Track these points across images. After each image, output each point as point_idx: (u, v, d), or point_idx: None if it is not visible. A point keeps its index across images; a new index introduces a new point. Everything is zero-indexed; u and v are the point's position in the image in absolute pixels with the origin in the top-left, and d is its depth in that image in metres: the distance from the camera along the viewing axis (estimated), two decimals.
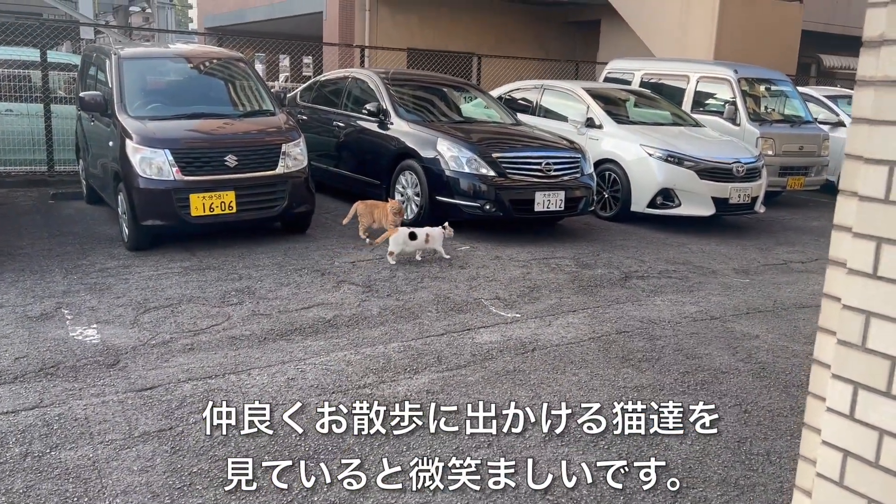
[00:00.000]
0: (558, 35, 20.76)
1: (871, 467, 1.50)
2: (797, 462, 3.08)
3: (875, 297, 1.45)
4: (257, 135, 6.42)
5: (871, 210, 1.45)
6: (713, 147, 8.18)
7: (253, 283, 5.28)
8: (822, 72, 21.03)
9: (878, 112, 1.42)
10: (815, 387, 1.61)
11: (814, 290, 5.83)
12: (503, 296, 5.20)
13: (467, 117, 8.19)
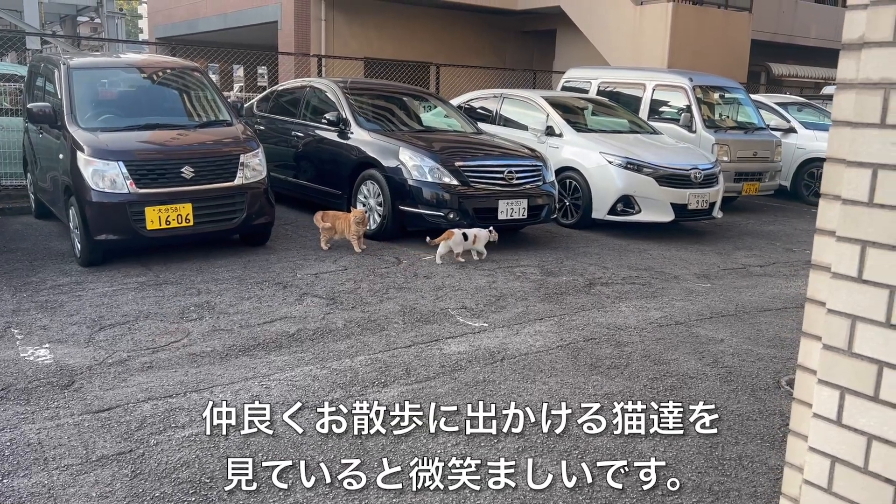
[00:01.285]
0: (514, 44, 20.93)
1: (860, 473, 1.48)
2: (770, 466, 3.11)
3: (861, 302, 1.44)
4: (214, 145, 6.27)
5: (855, 213, 1.44)
6: (671, 154, 8.29)
7: (212, 297, 5.14)
8: (772, 79, 21.61)
9: (860, 115, 1.42)
10: (801, 393, 1.59)
11: (773, 294, 5.92)
12: (470, 305, 5.16)
13: (428, 126, 8.16)
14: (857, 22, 1.41)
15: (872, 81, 1.39)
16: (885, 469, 1.45)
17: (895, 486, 1.43)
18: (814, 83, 22.37)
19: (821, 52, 22.88)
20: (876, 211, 1.41)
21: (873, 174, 1.41)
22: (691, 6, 16.34)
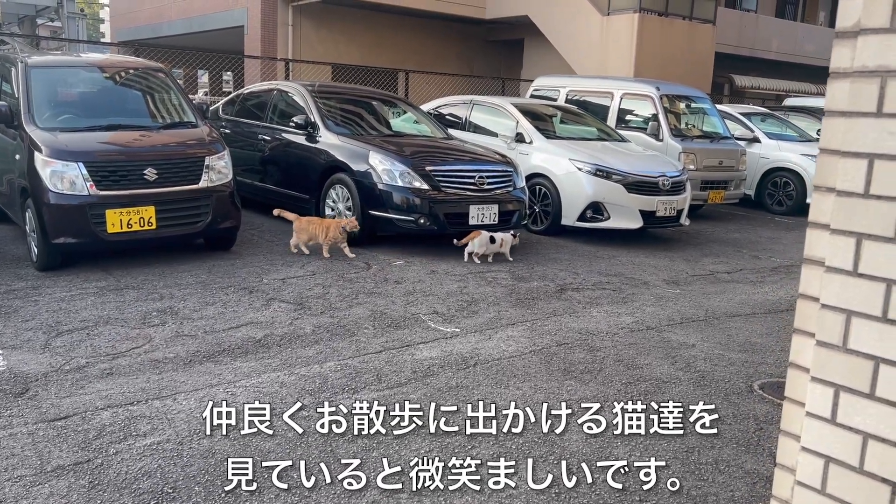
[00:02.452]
0: (483, 53, 21.00)
1: (856, 473, 1.44)
2: (746, 470, 3.08)
3: (856, 296, 1.40)
4: (178, 147, 6.11)
5: (850, 205, 1.40)
6: (639, 161, 8.34)
7: (175, 302, 4.98)
8: (735, 91, 22.02)
9: (855, 104, 1.38)
10: (793, 391, 1.55)
11: (742, 300, 5.95)
12: (441, 310, 5.08)
13: (398, 131, 8.09)
14: (852, 8, 1.38)
15: (869, 69, 1.36)
16: (881, 468, 1.40)
17: (892, 486, 1.39)
18: (775, 95, 22.85)
19: (781, 65, 23.41)
20: (872, 202, 1.38)
21: (869, 164, 1.37)
22: (657, 17, 16.57)
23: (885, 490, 1.40)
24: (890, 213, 1.36)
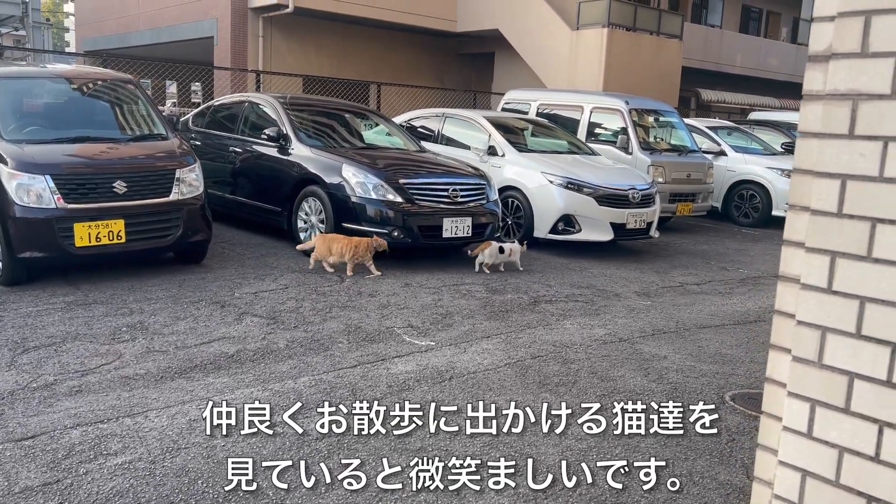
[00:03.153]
0: (454, 66, 21.11)
1: (832, 486, 1.47)
2: (720, 482, 3.12)
3: (831, 313, 1.44)
4: (148, 159, 6.04)
5: (824, 224, 1.44)
6: (610, 174, 8.43)
7: (146, 317, 4.90)
8: (701, 104, 22.42)
9: (828, 126, 1.42)
10: (770, 406, 1.58)
11: (711, 311, 6.04)
12: (416, 324, 5.07)
13: (370, 144, 8.08)
14: (824, 33, 1.42)
15: (840, 92, 1.40)
16: (857, 482, 1.44)
17: (867, 498, 1.42)
18: (740, 109, 23.32)
19: (745, 80, 23.92)
20: (845, 222, 1.41)
21: (842, 185, 1.41)
22: (625, 32, 16.84)
23: (861, 503, 1.43)
24: (862, 232, 1.39)
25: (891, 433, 1.38)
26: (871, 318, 1.39)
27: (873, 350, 1.39)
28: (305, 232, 7.02)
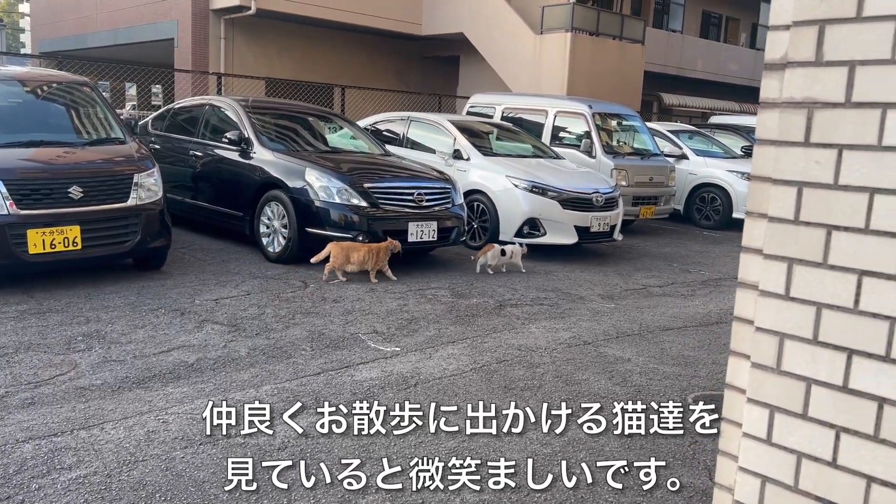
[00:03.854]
0: (419, 69, 21.10)
1: (791, 492, 1.48)
2: (683, 484, 3.14)
3: (789, 319, 1.44)
4: (105, 164, 5.90)
5: (781, 231, 1.45)
6: (574, 178, 8.49)
7: (103, 326, 4.78)
8: (663, 108, 22.74)
9: (784, 133, 1.43)
10: (730, 412, 1.58)
11: (674, 313, 6.11)
12: (381, 329, 5.03)
13: (334, 147, 8.02)
14: (779, 42, 1.43)
15: (796, 100, 1.41)
16: (814, 487, 1.45)
17: (824, 503, 1.43)
18: (701, 112, 23.72)
19: (706, 84, 24.34)
20: (802, 229, 1.42)
21: (798, 192, 1.42)
22: (588, 37, 17.00)
23: None
24: (818, 239, 1.41)
25: (847, 438, 1.39)
26: (828, 325, 1.40)
27: (830, 356, 1.40)
28: (268, 237, 6.93)
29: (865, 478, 1.38)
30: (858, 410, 1.37)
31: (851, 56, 1.34)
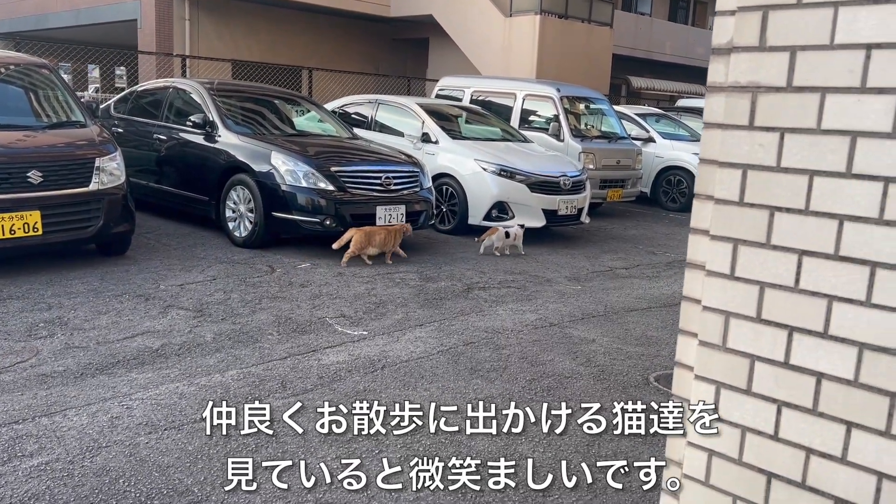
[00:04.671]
0: (387, 51, 20.94)
1: (735, 465, 1.53)
2: (644, 461, 3.21)
3: (734, 298, 1.49)
4: (66, 148, 5.79)
5: (727, 212, 1.49)
6: (542, 161, 8.53)
7: (65, 312, 4.72)
8: (631, 92, 22.88)
9: (730, 117, 1.47)
10: (679, 389, 1.63)
11: (638, 295, 6.20)
12: (348, 313, 5.04)
13: (301, 130, 7.95)
14: (725, 27, 1.46)
15: (741, 85, 1.44)
16: (757, 460, 1.50)
17: (767, 475, 1.49)
18: (669, 96, 23.93)
19: (674, 67, 24.53)
20: (746, 210, 1.46)
21: (743, 175, 1.46)
22: (557, 19, 17.01)
23: (762, 479, 1.50)
24: (761, 220, 1.45)
25: (788, 412, 1.44)
26: (770, 303, 1.45)
27: (772, 333, 1.45)
28: (234, 221, 6.87)
29: (805, 450, 1.43)
30: (798, 385, 1.42)
31: (793, 41, 1.38)
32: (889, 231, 1.30)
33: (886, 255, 1.31)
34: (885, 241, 1.31)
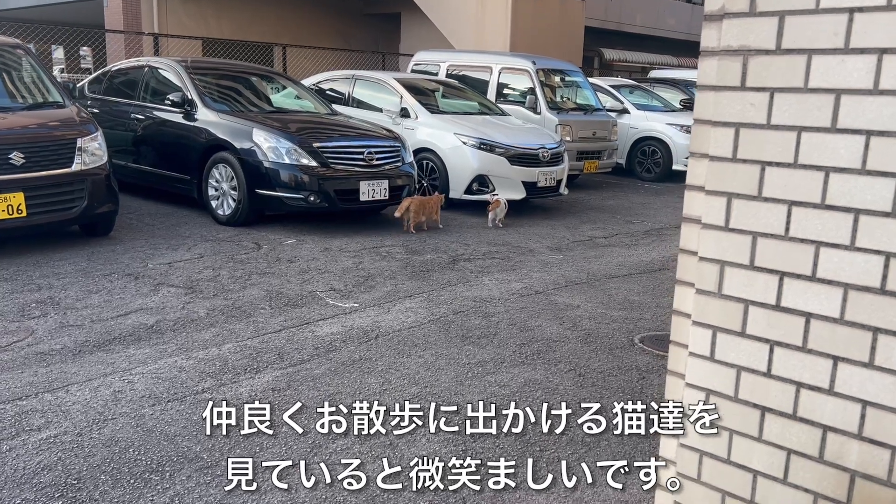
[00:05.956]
0: (359, 26, 20.77)
1: (732, 402, 1.66)
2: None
3: (728, 248, 1.60)
4: (47, 129, 5.75)
5: (721, 169, 1.60)
6: (520, 134, 8.62)
7: (56, 292, 4.74)
8: (604, 64, 22.99)
9: (723, 79, 1.57)
10: (677, 335, 1.75)
11: (619, 262, 6.35)
12: (338, 287, 5.12)
13: (279, 107, 7.94)
14: None
15: (733, 48, 1.55)
16: (752, 395, 1.63)
17: (761, 409, 1.61)
18: (641, 67, 24.07)
19: (645, 38, 24.65)
20: (739, 166, 1.57)
21: (736, 133, 1.57)
22: None
23: (756, 414, 1.63)
24: (753, 174, 1.56)
25: (780, 350, 1.57)
26: (762, 251, 1.56)
27: (764, 279, 1.57)
28: (217, 199, 6.88)
29: (795, 384, 1.56)
30: (789, 325, 1.55)
31: (781, 6, 1.48)
32: (871, 180, 1.42)
33: (868, 203, 1.43)
34: (867, 190, 1.43)
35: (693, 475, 1.74)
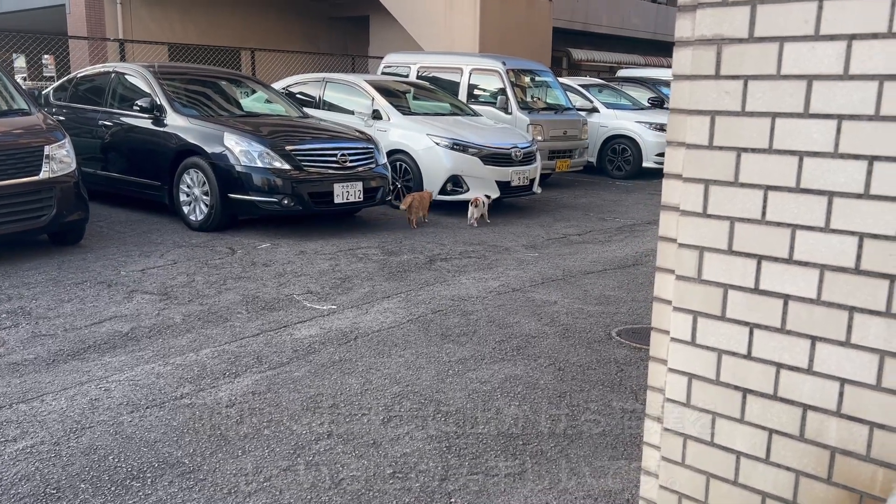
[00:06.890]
0: (327, 30, 20.71)
1: (713, 385, 1.69)
2: (613, 408, 3.40)
3: (707, 234, 1.63)
4: (12, 136, 5.65)
5: (698, 156, 1.63)
6: (492, 134, 8.66)
7: (26, 302, 4.66)
8: (572, 64, 23.18)
9: (698, 68, 1.60)
10: (658, 322, 1.77)
11: (593, 258, 6.41)
12: (315, 289, 5.10)
13: (250, 111, 7.88)
14: None
15: (707, 38, 1.58)
16: (733, 378, 1.66)
17: (743, 391, 1.65)
18: (608, 67, 24.32)
19: (611, 38, 24.91)
20: (715, 153, 1.61)
21: (711, 120, 1.60)
22: None
23: (738, 395, 1.66)
24: (729, 161, 1.59)
25: (759, 333, 1.60)
26: (740, 236, 1.60)
27: (742, 263, 1.60)
28: (189, 205, 6.81)
29: (775, 365, 1.59)
30: (768, 308, 1.58)
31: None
32: (843, 163, 1.46)
33: (842, 185, 1.46)
34: (839, 173, 1.46)
35: (677, 459, 1.76)
